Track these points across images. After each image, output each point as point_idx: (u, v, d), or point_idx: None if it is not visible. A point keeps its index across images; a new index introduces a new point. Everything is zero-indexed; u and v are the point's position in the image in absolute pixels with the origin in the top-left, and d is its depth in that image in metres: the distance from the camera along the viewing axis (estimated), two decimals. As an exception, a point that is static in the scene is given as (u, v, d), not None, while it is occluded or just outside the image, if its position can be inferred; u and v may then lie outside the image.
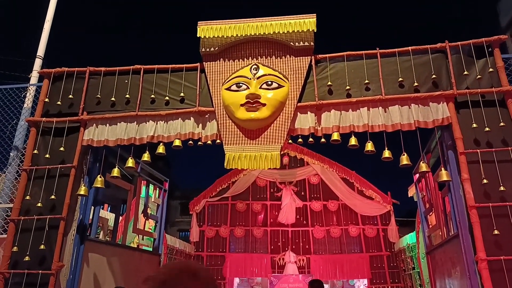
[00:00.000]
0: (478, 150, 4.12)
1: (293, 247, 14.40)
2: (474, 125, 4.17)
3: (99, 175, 4.71)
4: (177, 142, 4.76)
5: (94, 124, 4.86)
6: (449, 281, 4.81)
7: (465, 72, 4.34)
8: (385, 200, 13.77)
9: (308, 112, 4.62)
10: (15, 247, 4.40)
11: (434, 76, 4.39)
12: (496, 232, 3.85)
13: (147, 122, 4.80)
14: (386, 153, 4.34)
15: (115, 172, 4.76)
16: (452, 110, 4.29)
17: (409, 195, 10.41)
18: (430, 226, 5.97)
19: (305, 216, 14.89)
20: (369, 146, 4.38)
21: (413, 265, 11.47)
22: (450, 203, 4.58)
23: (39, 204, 4.55)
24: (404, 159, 4.25)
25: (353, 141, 4.45)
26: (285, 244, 14.49)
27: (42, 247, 4.36)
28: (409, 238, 11.69)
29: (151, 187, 7.39)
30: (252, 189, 15.33)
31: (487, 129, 4.14)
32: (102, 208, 8.36)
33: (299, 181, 15.16)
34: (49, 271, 4.30)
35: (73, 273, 4.53)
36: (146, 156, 4.76)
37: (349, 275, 14.15)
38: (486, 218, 3.94)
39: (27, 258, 4.33)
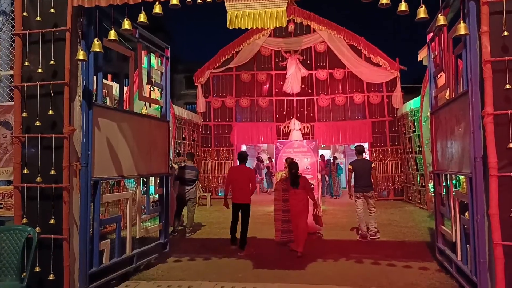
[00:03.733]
0: (504, -2, 3.77)
1: (298, 115, 14.75)
2: (504, -31, 3.73)
3: (95, 39, 4.47)
4: (174, 0, 4.37)
5: (82, -20, 4.43)
6: (451, 138, 4.94)
7: None
8: (393, 67, 13.53)
9: (318, -41, 4.11)
10: (24, 113, 4.46)
11: None
12: (508, 86, 3.77)
13: (140, -24, 4.35)
14: (403, 6, 3.96)
15: (112, 35, 4.49)
16: (481, -49, 3.79)
17: (419, 59, 10.15)
18: (438, 87, 5.90)
19: (310, 85, 14.89)
20: (385, -1, 3.99)
21: (414, 129, 11.85)
22: (463, 59, 4.41)
23: (39, 70, 4.46)
24: (422, 12, 3.91)
25: (367, -8, 4.04)
26: (290, 113, 14.83)
27: (50, 112, 4.41)
28: (413, 103, 11.82)
29: (153, 56, 7.16)
30: (256, 59, 15.02)
31: (518, -27, 3.71)
32: (106, 79, 8.30)
33: (304, 50, 14.73)
34: (62, 135, 4.43)
35: (85, 137, 4.67)
36: (142, 17, 4.42)
37: (351, 140, 14.80)
38: (499, 73, 3.83)
39: (38, 123, 4.43)
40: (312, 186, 8.06)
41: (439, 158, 5.62)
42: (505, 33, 3.78)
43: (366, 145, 14.37)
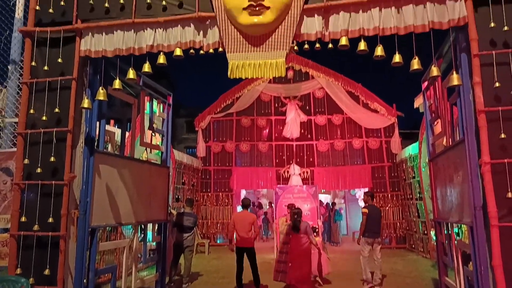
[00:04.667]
0: (493, 52, 3.93)
1: (298, 160, 14.78)
2: (492, 25, 3.92)
3: (100, 87, 4.61)
4: (177, 52, 4.57)
5: (90, 33, 4.64)
6: (450, 186, 4.94)
7: (489, -36, 3.96)
8: (390, 113, 13.75)
9: (315, 15, 4.33)
10: (26, 160, 4.50)
11: (453, -31, 4.01)
12: (503, 136, 3.84)
13: (145, 30, 4.57)
14: (397, 58, 4.14)
15: (117, 84, 4.64)
16: (469, 8, 4.00)
17: (415, 106, 10.31)
18: (435, 135, 5.98)
19: (310, 130, 15.05)
20: (379, 51, 4.17)
21: (413, 175, 11.83)
22: (458, 108, 4.51)
23: (44, 118, 4.56)
24: (415, 63, 4.07)
25: (362, 45, 4.21)
26: (290, 158, 14.87)
27: (52, 159, 4.46)
28: (412, 149, 11.89)
29: (155, 102, 7.32)
30: (256, 104, 15.29)
31: (505, 28, 3.89)
32: (108, 125, 8.43)
33: (303, 96, 15.04)
34: (62, 182, 4.44)
35: (85, 183, 4.68)
36: (146, 67, 4.60)
37: (351, 185, 14.73)
38: (494, 122, 3.91)
39: (39, 170, 4.46)
40: (317, 230, 8.22)
41: (439, 206, 5.59)
42: (497, 84, 3.90)
43: (367, 190, 14.28)
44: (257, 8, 4.22)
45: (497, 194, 3.78)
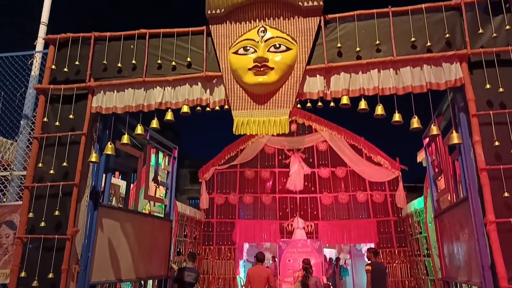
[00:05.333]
0: (490, 112, 4.05)
1: (301, 213, 14.59)
2: (488, 86, 4.07)
3: (109, 142, 4.74)
4: (185, 109, 4.74)
5: (102, 91, 4.85)
6: (457, 243, 4.86)
7: (480, 31, 4.20)
8: (394, 166, 13.75)
9: (317, 75, 4.53)
10: (30, 213, 4.51)
11: (447, 35, 4.26)
12: (506, 194, 3.84)
13: (155, 88, 4.77)
14: (397, 117, 4.27)
15: (125, 139, 4.78)
16: (465, 70, 4.18)
17: (418, 161, 10.38)
18: (439, 190, 5.97)
19: (313, 182, 14.99)
20: (379, 110, 4.31)
21: (420, 230, 11.59)
22: (460, 166, 4.55)
23: (51, 171, 4.63)
24: (415, 122, 4.20)
25: (363, 104, 4.37)
26: (294, 211, 14.69)
27: (57, 213, 4.47)
28: (417, 203, 11.75)
29: (161, 155, 7.45)
30: (260, 156, 15.38)
31: (501, 89, 4.04)
32: (114, 176, 8.50)
33: (307, 148, 15.16)
34: (65, 236, 4.42)
35: (88, 238, 4.66)
36: (154, 123, 4.75)
37: (356, 240, 14.37)
38: (496, 180, 3.93)
39: (43, 224, 4.45)
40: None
41: (447, 264, 5.45)
42: (496, 143, 3.97)
43: (372, 246, 13.91)
44: (261, 69, 4.44)
45: (504, 253, 3.71)
